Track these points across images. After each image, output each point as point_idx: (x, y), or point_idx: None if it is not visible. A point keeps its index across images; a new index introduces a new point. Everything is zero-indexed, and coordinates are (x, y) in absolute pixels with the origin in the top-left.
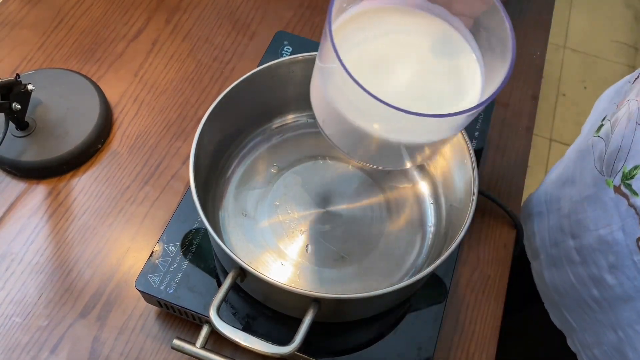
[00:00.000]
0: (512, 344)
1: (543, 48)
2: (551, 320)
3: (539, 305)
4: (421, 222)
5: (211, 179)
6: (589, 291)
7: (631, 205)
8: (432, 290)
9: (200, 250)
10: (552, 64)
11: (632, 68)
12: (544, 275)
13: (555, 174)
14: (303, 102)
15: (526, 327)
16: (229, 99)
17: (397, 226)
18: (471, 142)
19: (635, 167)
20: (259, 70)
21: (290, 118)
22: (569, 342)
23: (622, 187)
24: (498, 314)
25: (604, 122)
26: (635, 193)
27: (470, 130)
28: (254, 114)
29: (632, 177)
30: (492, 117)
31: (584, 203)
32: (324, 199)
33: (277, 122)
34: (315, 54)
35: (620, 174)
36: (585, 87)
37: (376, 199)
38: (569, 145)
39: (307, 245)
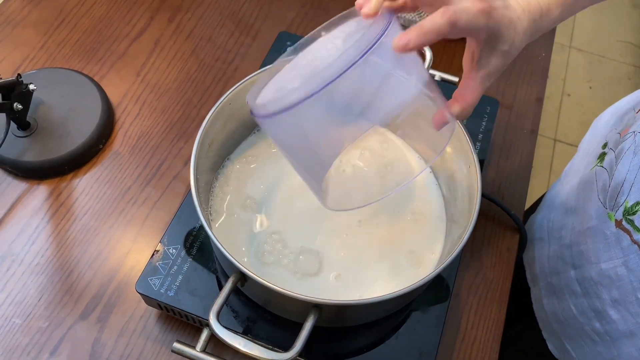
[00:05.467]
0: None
1: (548, 50)
2: (542, 339)
3: (532, 323)
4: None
5: (213, 181)
6: (590, 323)
7: (634, 241)
8: (434, 294)
9: (201, 253)
10: (557, 64)
11: (638, 68)
12: (544, 303)
13: (557, 199)
14: None
15: (519, 344)
16: (232, 99)
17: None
18: (475, 144)
19: (638, 203)
20: (262, 72)
21: None
22: None
23: (624, 223)
24: (500, 318)
25: (606, 151)
26: (638, 230)
27: (474, 132)
28: None
29: (634, 213)
30: (496, 119)
31: (586, 234)
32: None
33: None
34: None
35: (622, 209)
36: (590, 87)
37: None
38: (573, 145)
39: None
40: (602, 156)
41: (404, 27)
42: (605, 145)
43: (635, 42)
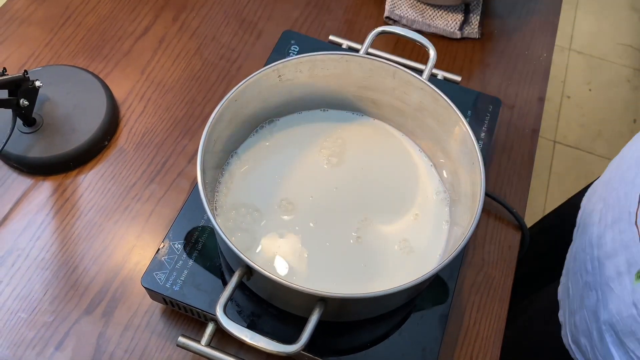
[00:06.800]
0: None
1: (550, 50)
2: (550, 333)
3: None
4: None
5: (217, 178)
6: (591, 252)
7: None
8: (437, 290)
9: (206, 248)
10: (557, 66)
11: (638, 71)
12: (574, 246)
13: (616, 170)
14: (310, 100)
15: (525, 336)
16: (237, 97)
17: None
18: (478, 143)
19: None
20: (266, 70)
21: (296, 116)
22: (560, 314)
23: None
24: (502, 315)
25: None
26: None
27: (476, 131)
28: (261, 113)
29: None
30: (498, 118)
31: None
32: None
33: (283, 121)
34: (321, 54)
35: None
36: (590, 90)
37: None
38: (573, 147)
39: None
40: None
41: (406, 27)
42: None
43: (635, 45)
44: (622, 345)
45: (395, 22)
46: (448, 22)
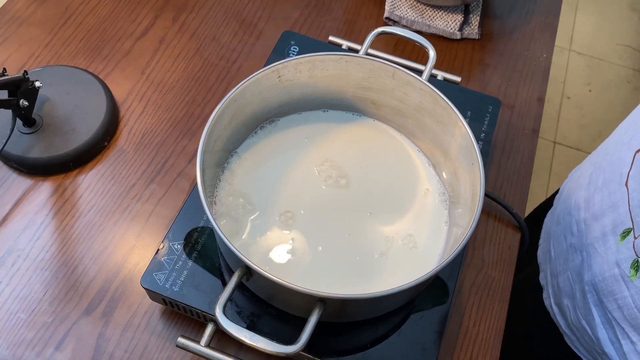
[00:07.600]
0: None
1: (549, 50)
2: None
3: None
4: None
5: (218, 175)
6: (578, 214)
7: None
8: (436, 291)
9: (205, 249)
10: (557, 66)
11: (637, 72)
12: (556, 210)
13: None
14: (310, 101)
15: (528, 336)
16: (237, 97)
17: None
18: (477, 143)
19: None
20: (266, 70)
21: (296, 117)
22: (541, 277)
23: None
24: (502, 316)
25: None
26: None
27: (476, 132)
28: (261, 113)
29: None
30: (498, 119)
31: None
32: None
33: (283, 121)
34: (320, 55)
35: None
36: (590, 90)
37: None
38: (572, 148)
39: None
40: None
41: (406, 27)
42: None
43: (635, 46)
44: (601, 305)
45: (395, 22)
46: (448, 23)
